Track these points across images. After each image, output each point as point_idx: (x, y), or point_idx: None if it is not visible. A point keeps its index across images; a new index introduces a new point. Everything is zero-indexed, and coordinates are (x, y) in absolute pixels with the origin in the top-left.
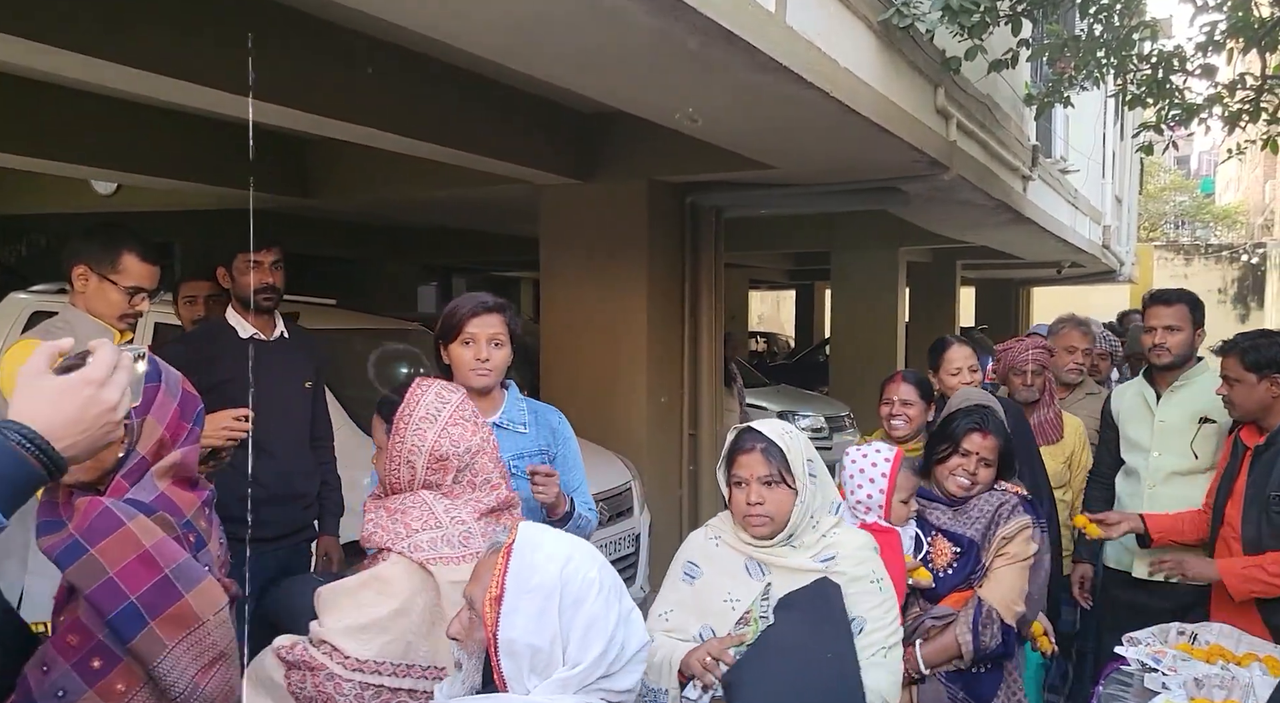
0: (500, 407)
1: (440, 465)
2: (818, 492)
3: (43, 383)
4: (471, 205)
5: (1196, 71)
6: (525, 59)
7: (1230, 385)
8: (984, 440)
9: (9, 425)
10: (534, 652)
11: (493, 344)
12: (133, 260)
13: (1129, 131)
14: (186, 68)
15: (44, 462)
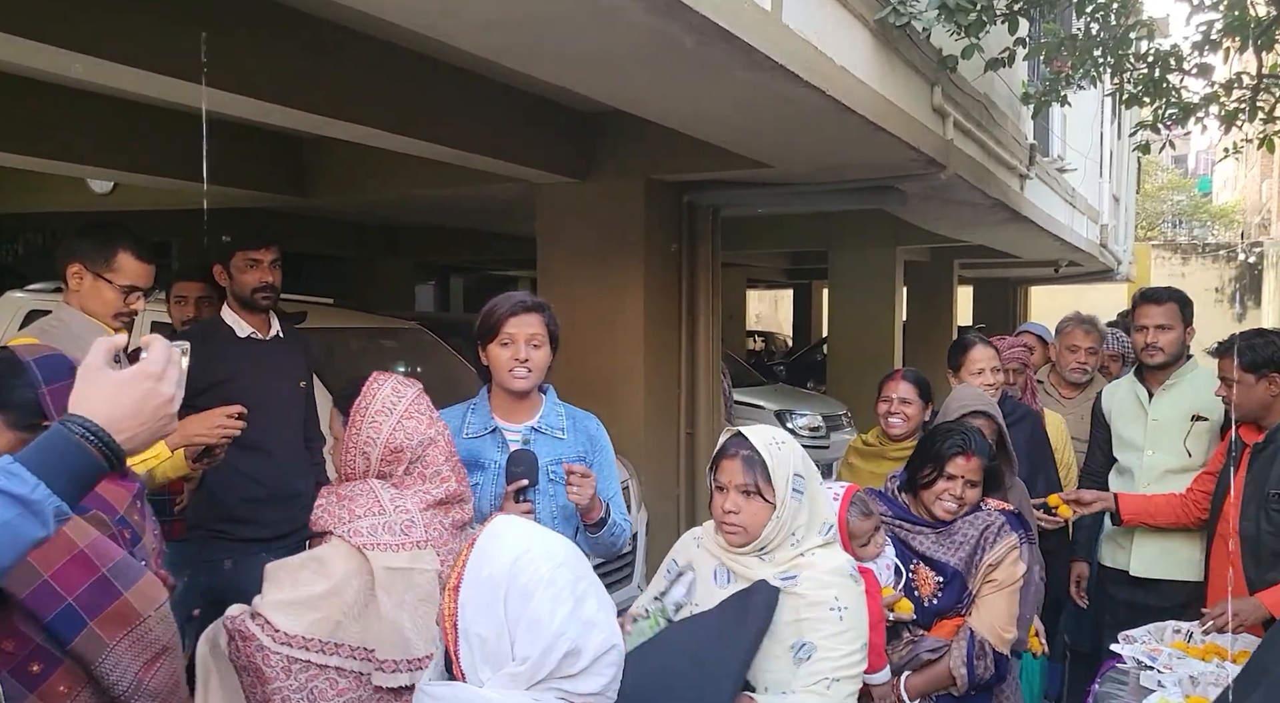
0: (538, 411)
1: (394, 457)
2: (802, 509)
3: (103, 377)
4: (469, 204)
5: (1193, 70)
6: (522, 58)
7: (1229, 387)
8: (968, 463)
9: (72, 418)
10: (482, 642)
11: (531, 345)
12: (128, 259)
13: (1126, 130)
14: (180, 65)
15: (105, 453)
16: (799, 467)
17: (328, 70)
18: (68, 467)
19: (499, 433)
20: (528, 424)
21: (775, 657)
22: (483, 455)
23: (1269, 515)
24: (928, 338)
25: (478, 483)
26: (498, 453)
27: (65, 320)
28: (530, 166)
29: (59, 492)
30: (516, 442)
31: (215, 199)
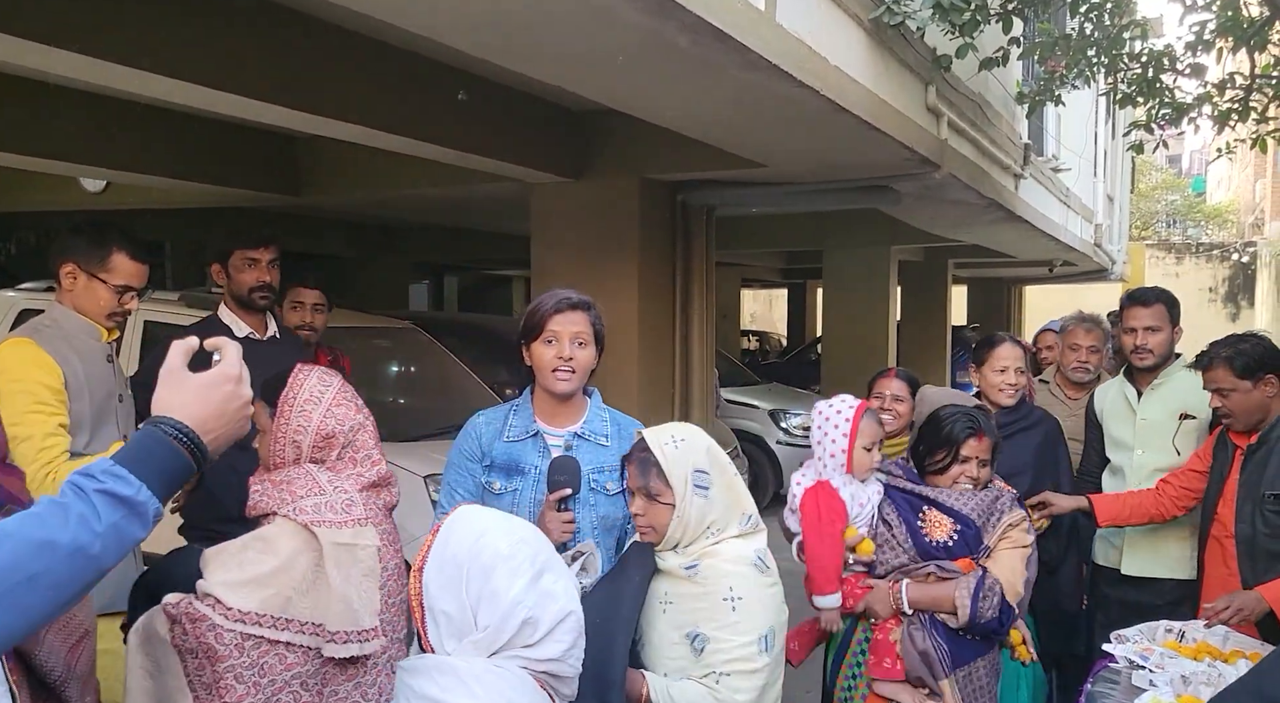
0: (582, 415)
1: (326, 443)
2: (711, 504)
3: (186, 379)
4: (463, 203)
5: (1186, 71)
6: (516, 57)
7: (1225, 396)
8: (980, 443)
9: (164, 420)
10: (448, 618)
11: (576, 343)
12: (122, 259)
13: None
14: (174, 64)
15: (195, 454)
16: (701, 462)
17: (322, 70)
18: (163, 467)
19: (540, 437)
20: (571, 429)
21: (673, 643)
22: (523, 460)
23: (1265, 516)
24: (922, 337)
25: (517, 488)
26: (539, 458)
27: (58, 320)
28: (524, 166)
29: (155, 492)
30: (558, 447)
31: (209, 198)
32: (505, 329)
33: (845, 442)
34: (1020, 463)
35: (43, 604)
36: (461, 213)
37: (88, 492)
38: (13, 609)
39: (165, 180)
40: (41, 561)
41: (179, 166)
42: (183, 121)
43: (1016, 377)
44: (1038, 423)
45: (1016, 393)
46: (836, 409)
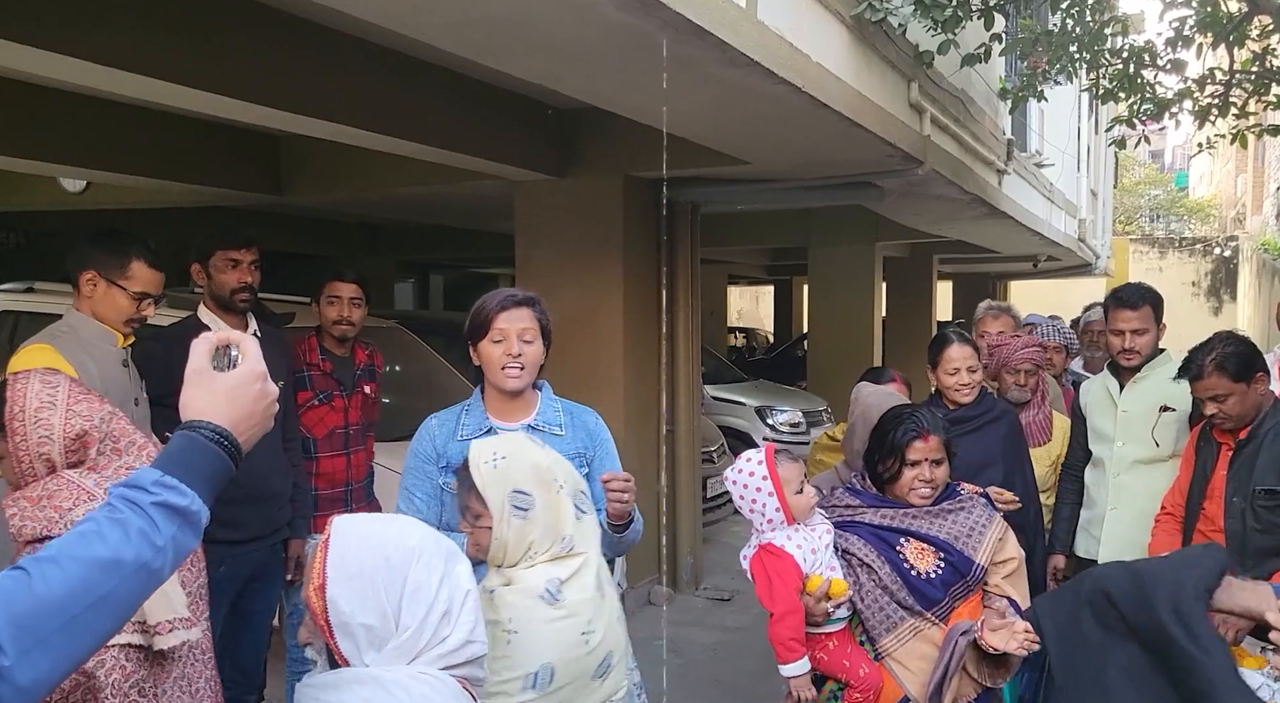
0: (534, 409)
1: (80, 444)
2: (531, 525)
3: (215, 380)
4: (447, 202)
5: (1167, 66)
6: (498, 56)
7: (1222, 402)
8: (927, 444)
9: (199, 424)
10: (368, 629)
11: (523, 340)
12: (141, 267)
13: (1103, 126)
14: (156, 64)
15: (233, 456)
16: (523, 482)
17: (304, 68)
18: (208, 473)
19: (495, 433)
20: (524, 422)
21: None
22: None
23: (1255, 512)
24: (907, 333)
25: None
26: None
27: (75, 326)
28: (509, 164)
29: (204, 499)
30: None
31: (191, 198)
32: None
33: (775, 499)
34: (991, 454)
35: (111, 624)
36: (446, 211)
37: (143, 505)
38: (85, 633)
39: (146, 180)
40: (110, 581)
41: (160, 166)
42: (164, 121)
43: (969, 376)
44: (1002, 415)
45: (971, 391)
46: (749, 471)
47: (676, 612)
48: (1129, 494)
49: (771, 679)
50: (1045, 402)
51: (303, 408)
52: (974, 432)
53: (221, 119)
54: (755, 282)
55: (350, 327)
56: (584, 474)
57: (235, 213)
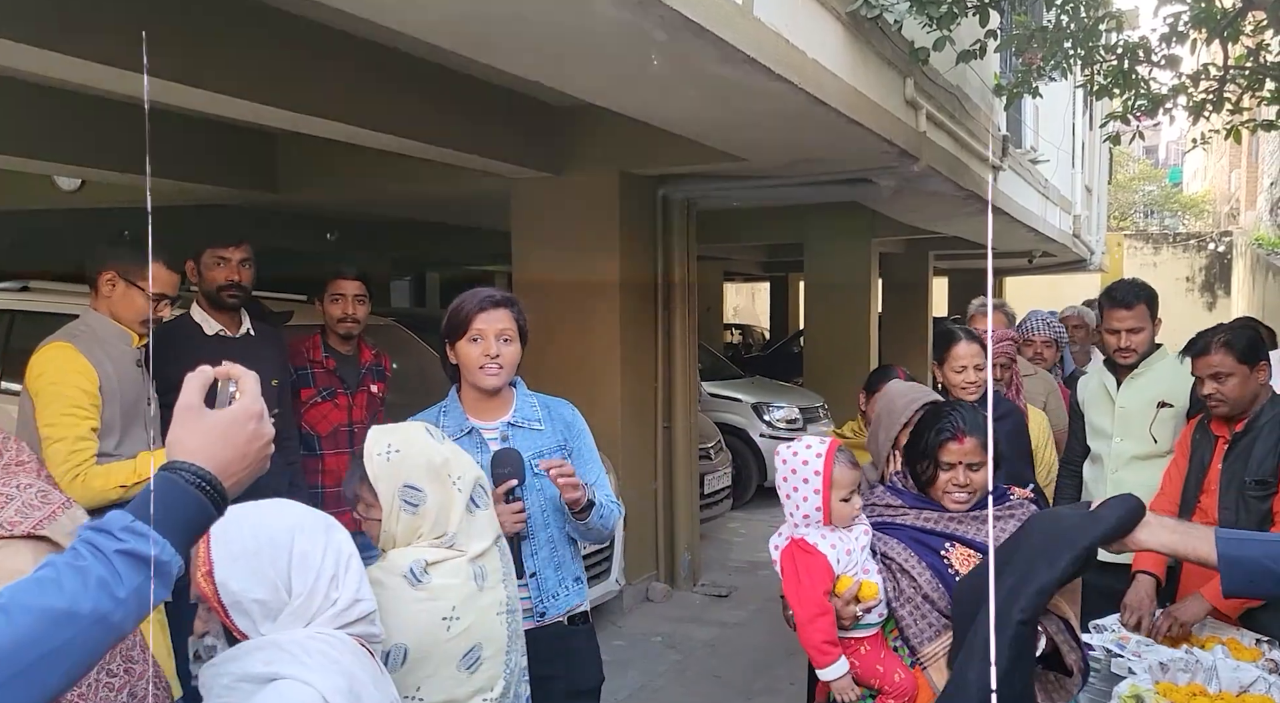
0: (512, 405)
1: None
2: (420, 521)
3: (205, 418)
4: (443, 200)
5: (1161, 62)
6: (495, 53)
7: (1222, 381)
8: (962, 446)
9: (182, 466)
10: (261, 604)
11: (502, 340)
12: (160, 268)
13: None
14: (150, 62)
15: (216, 501)
16: (415, 477)
17: (300, 66)
18: (185, 519)
19: (476, 433)
20: (503, 420)
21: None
22: None
23: (1247, 503)
24: (903, 329)
25: None
26: (478, 453)
27: (92, 326)
28: (505, 161)
29: (178, 547)
30: (495, 439)
31: (187, 196)
32: None
33: (819, 498)
34: (996, 452)
35: (62, 680)
36: (442, 209)
37: (108, 553)
38: (32, 686)
39: (142, 178)
40: (63, 634)
41: (155, 165)
42: (159, 119)
43: (975, 375)
44: (1006, 414)
45: (978, 390)
46: (803, 458)
47: (674, 608)
48: (1127, 490)
49: (769, 675)
50: (1019, 396)
51: (306, 405)
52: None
53: (217, 117)
54: (751, 278)
55: (355, 324)
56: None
57: (231, 211)
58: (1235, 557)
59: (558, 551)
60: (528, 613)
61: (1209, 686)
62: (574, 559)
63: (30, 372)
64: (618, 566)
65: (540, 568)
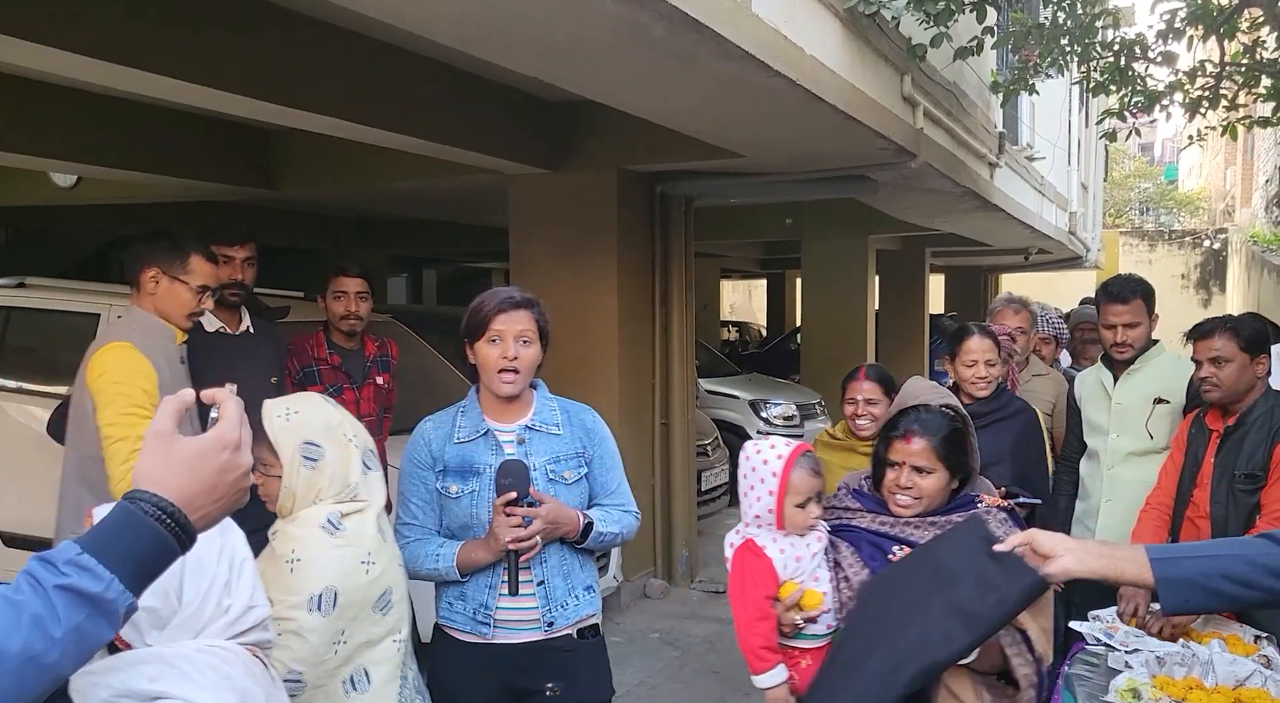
0: (531, 409)
1: None
2: (318, 476)
3: (174, 446)
4: (440, 196)
5: (1157, 59)
6: (493, 49)
7: (1220, 366)
8: (907, 445)
9: (142, 495)
10: (150, 612)
11: (521, 341)
12: (199, 261)
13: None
14: (146, 57)
15: (179, 536)
16: (314, 434)
17: (296, 62)
18: (139, 553)
19: (492, 435)
20: (521, 423)
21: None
22: (477, 460)
23: (1236, 497)
24: (900, 326)
25: (474, 490)
26: (492, 457)
27: (142, 324)
28: (502, 158)
29: (129, 583)
30: (511, 442)
31: (183, 193)
32: None
33: (772, 500)
34: (998, 453)
35: None
36: (440, 205)
37: (47, 587)
38: None
39: (137, 175)
40: None
41: (151, 161)
42: (155, 115)
43: (987, 369)
44: (1017, 413)
45: (989, 385)
46: (764, 457)
47: (672, 604)
48: (1123, 486)
49: None
50: (1014, 390)
51: None
52: (983, 429)
53: (212, 113)
54: (748, 275)
55: (358, 321)
56: (583, 475)
57: (227, 207)
58: (1171, 577)
59: (567, 558)
60: (535, 623)
61: (1205, 680)
62: (584, 567)
63: (91, 371)
64: (615, 562)
65: (549, 576)
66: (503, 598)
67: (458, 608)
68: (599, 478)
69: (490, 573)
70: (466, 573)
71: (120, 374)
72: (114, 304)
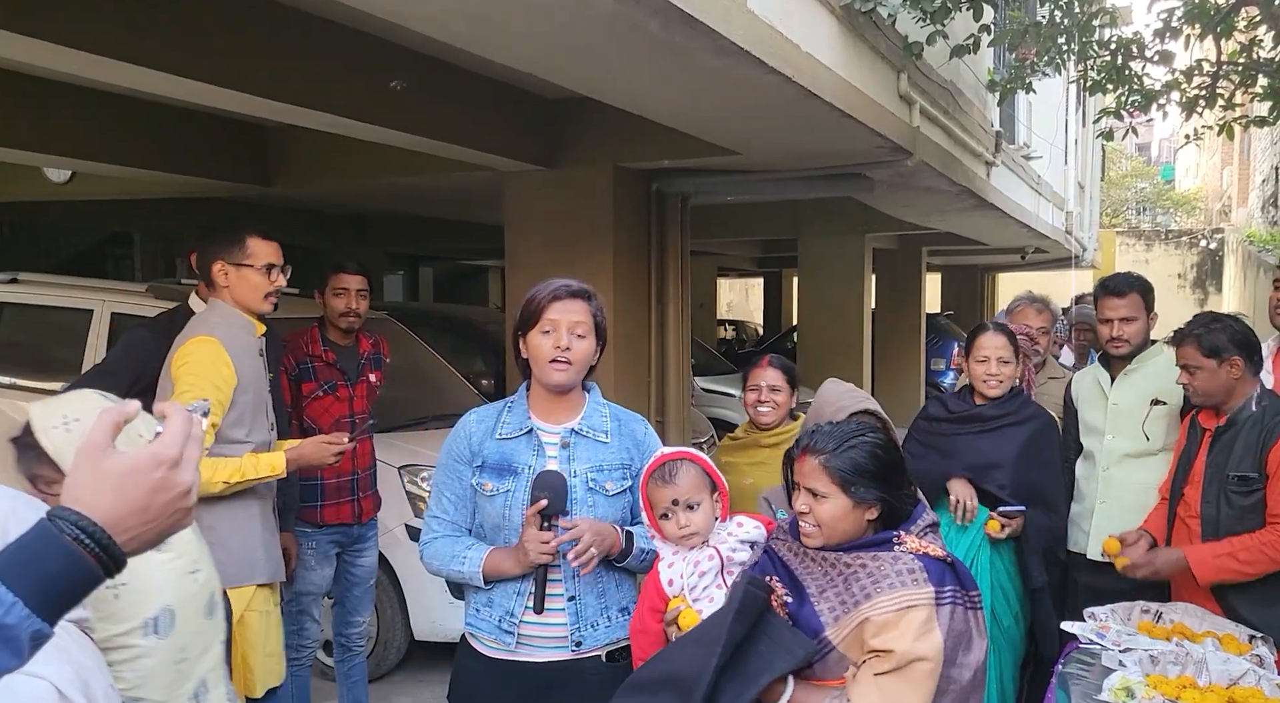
0: (580, 411)
1: None
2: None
3: (105, 461)
4: (436, 193)
5: (1155, 58)
6: (488, 44)
7: (1191, 374)
8: (800, 464)
9: (64, 513)
10: None
11: (575, 334)
12: (256, 241)
13: (1090, 118)
14: (140, 52)
15: (102, 559)
16: (53, 420)
17: (291, 57)
18: (51, 576)
19: (535, 434)
20: (568, 426)
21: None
22: (516, 460)
23: (1228, 498)
24: (896, 325)
25: (510, 489)
26: (533, 457)
27: (225, 317)
28: (498, 154)
29: (38, 608)
30: (554, 444)
31: (177, 189)
32: (481, 320)
33: (644, 513)
34: (1001, 457)
35: None
36: (435, 202)
37: None
38: None
39: (132, 170)
40: None
41: (146, 156)
42: (150, 110)
43: (999, 367)
44: (1029, 418)
45: (1001, 385)
46: (649, 468)
47: None
48: (1118, 488)
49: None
50: (1030, 392)
51: (307, 399)
52: (989, 432)
53: (208, 109)
54: (745, 274)
55: (357, 318)
56: (626, 488)
57: (223, 204)
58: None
59: (603, 576)
60: (562, 641)
61: (1199, 678)
62: (620, 587)
63: (176, 360)
64: None
65: (581, 593)
66: (529, 611)
67: (484, 614)
68: (639, 495)
69: (519, 581)
70: (491, 582)
71: (200, 367)
72: (106, 300)
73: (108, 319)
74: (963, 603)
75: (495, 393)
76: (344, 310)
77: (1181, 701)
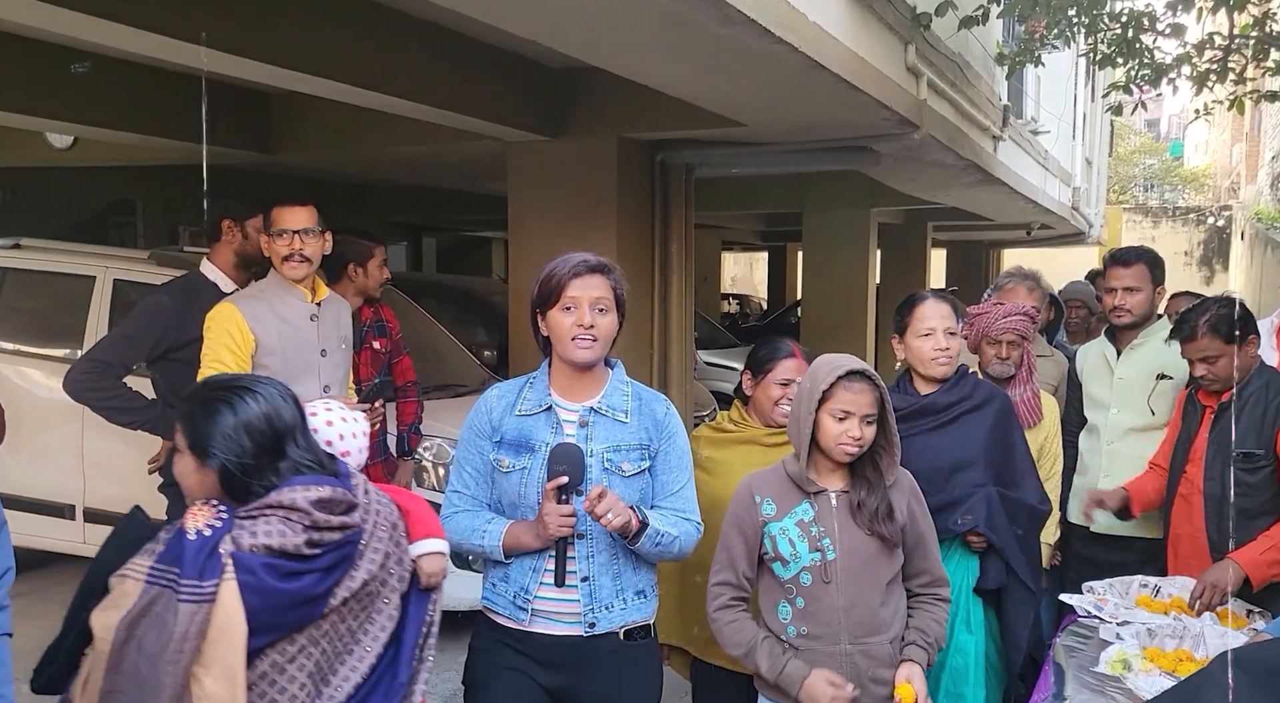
0: (602, 389)
1: None
2: None
3: None
4: (440, 162)
5: (1166, 31)
6: (493, 13)
7: (1213, 363)
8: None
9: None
10: None
11: (597, 309)
12: (286, 211)
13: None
14: (143, 16)
15: None
16: None
17: (295, 23)
18: None
19: (554, 411)
20: (587, 404)
21: None
22: (534, 436)
23: (1236, 476)
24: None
25: (526, 467)
26: (550, 434)
27: (270, 284)
28: (502, 124)
29: None
30: (573, 422)
31: (179, 155)
32: (484, 290)
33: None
34: (969, 451)
35: None
36: (439, 173)
37: None
38: None
39: (134, 136)
40: None
41: (148, 123)
42: (152, 76)
43: (946, 339)
44: (987, 401)
45: (950, 360)
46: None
47: None
48: (1122, 462)
49: None
50: (1033, 377)
51: None
52: (946, 425)
53: (212, 75)
54: (749, 247)
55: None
56: (644, 469)
57: (225, 171)
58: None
59: (619, 558)
60: (575, 618)
61: (1196, 652)
62: (636, 570)
63: (204, 323)
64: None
65: (596, 574)
66: (544, 587)
67: (500, 590)
68: (661, 476)
69: (535, 557)
70: (511, 556)
71: (214, 327)
72: (110, 267)
73: (110, 286)
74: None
75: (497, 364)
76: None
77: (1178, 674)
